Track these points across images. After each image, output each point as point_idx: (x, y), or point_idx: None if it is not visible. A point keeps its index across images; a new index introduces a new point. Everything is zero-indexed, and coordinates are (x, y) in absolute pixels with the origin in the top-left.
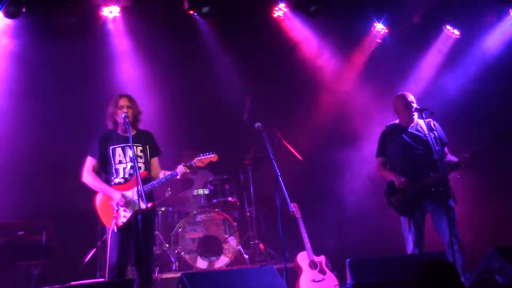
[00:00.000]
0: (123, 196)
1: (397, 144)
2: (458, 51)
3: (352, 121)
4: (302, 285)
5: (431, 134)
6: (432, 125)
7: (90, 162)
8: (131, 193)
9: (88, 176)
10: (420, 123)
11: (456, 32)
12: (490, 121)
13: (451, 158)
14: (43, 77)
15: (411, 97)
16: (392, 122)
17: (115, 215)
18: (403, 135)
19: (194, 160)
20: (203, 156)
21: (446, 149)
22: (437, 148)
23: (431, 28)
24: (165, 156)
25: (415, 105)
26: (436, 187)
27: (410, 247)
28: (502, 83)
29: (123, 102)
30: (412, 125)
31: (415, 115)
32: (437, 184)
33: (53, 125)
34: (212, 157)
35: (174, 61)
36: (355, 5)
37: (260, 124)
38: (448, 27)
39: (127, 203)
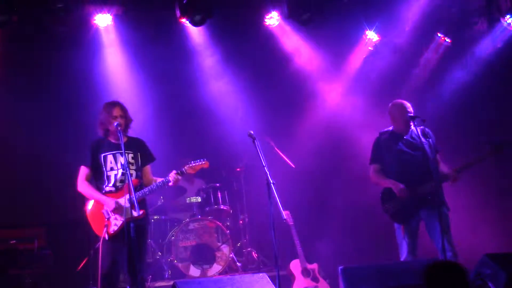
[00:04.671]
0: (117, 203)
1: (392, 151)
2: (449, 58)
3: (345, 128)
4: None
5: (426, 141)
6: (426, 132)
7: (83, 171)
8: (123, 201)
9: (82, 185)
10: (414, 130)
11: (447, 39)
12: (482, 128)
13: (442, 167)
14: (34, 85)
15: (408, 105)
16: (385, 129)
17: (106, 223)
18: (399, 142)
19: (185, 167)
20: (194, 163)
21: (438, 157)
22: (432, 155)
23: (423, 35)
24: (158, 165)
25: (409, 114)
26: (431, 195)
27: (403, 254)
28: (493, 90)
29: (117, 112)
30: (407, 133)
31: (411, 123)
32: (432, 192)
33: (45, 133)
34: (203, 163)
35: (166, 69)
36: (347, 13)
37: (252, 132)
38: (439, 34)
39: (120, 211)
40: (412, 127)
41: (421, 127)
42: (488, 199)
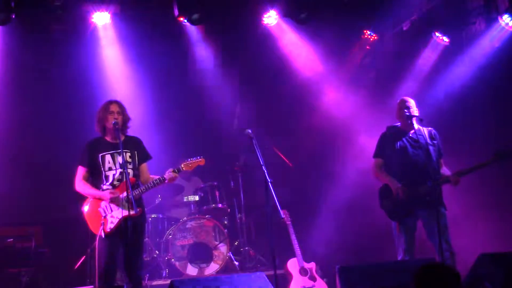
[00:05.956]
0: (112, 193)
1: (396, 147)
2: (447, 58)
3: (342, 127)
4: None
5: (431, 142)
6: (433, 134)
7: (80, 171)
8: (120, 199)
9: (79, 185)
10: (422, 130)
11: (445, 39)
12: (481, 128)
13: (444, 170)
14: (33, 84)
15: (409, 103)
16: (393, 125)
17: (102, 221)
18: (403, 139)
19: (182, 165)
20: (190, 160)
21: (442, 161)
22: (435, 157)
23: (421, 35)
24: (155, 163)
25: (409, 112)
26: (429, 195)
27: (401, 254)
28: (491, 90)
29: (113, 108)
30: (413, 131)
31: (414, 120)
32: (430, 193)
33: (43, 131)
34: (199, 161)
35: (163, 67)
36: (345, 12)
37: (250, 131)
38: (437, 34)
39: (116, 202)
40: (417, 125)
41: (429, 128)
42: (486, 198)
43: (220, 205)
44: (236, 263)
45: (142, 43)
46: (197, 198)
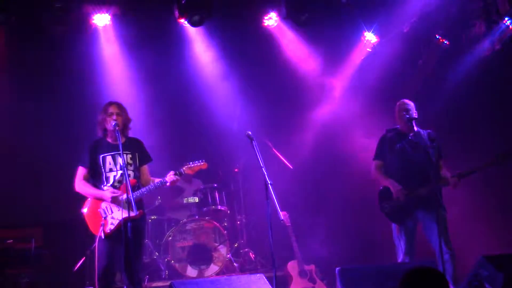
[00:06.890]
0: (114, 193)
1: (395, 150)
2: (447, 60)
3: (343, 129)
4: None
5: (431, 145)
6: (432, 136)
7: (80, 171)
8: (120, 201)
9: (79, 185)
10: (421, 132)
11: (446, 41)
12: (480, 130)
13: (444, 172)
14: (33, 84)
15: (409, 105)
16: (392, 127)
17: (102, 222)
18: (403, 141)
19: (184, 168)
20: (192, 164)
21: (441, 162)
22: (434, 159)
23: (421, 37)
24: (155, 165)
25: (408, 114)
26: (429, 197)
27: (400, 256)
28: (491, 93)
29: (112, 109)
30: (412, 133)
31: (413, 123)
32: (430, 195)
33: (43, 131)
34: (201, 164)
35: (164, 69)
36: (346, 15)
37: (250, 133)
38: (437, 36)
39: (117, 202)
40: (416, 128)
41: (429, 131)
42: (486, 200)
43: (220, 207)
44: (236, 264)
45: (142, 44)
46: (197, 199)
